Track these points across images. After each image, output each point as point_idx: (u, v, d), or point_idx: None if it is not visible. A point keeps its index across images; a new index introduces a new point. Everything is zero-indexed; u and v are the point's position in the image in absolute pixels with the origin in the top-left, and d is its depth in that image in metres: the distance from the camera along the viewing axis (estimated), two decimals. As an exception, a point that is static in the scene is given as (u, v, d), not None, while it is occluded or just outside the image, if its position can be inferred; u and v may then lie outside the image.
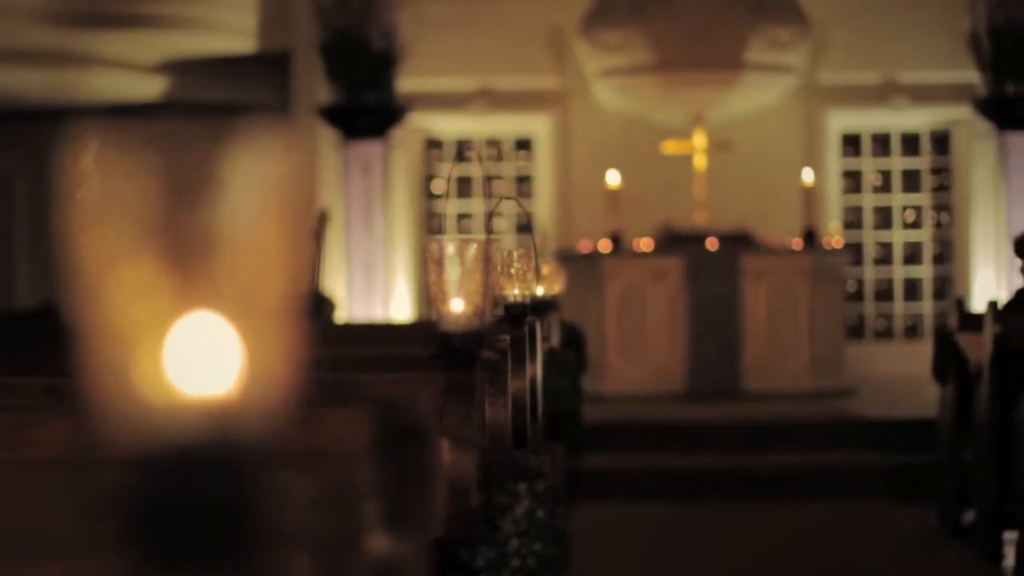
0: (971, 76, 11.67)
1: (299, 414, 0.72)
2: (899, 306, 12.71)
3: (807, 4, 11.79)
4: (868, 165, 12.77)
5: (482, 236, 13.20)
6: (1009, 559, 6.22)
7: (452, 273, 2.54)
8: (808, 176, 11.22)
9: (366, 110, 11.52)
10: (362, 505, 1.53)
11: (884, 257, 12.74)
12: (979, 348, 6.58)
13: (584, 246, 11.11)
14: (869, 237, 12.71)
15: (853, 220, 12.69)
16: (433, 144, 12.78)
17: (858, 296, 12.58)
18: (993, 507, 6.26)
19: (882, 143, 12.76)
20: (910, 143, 12.73)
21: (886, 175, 12.76)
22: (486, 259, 2.59)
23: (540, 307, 5.03)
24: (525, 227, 12.65)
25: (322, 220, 10.75)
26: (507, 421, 3.23)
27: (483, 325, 2.72)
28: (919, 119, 12.61)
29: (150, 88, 12.36)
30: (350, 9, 11.44)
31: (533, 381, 3.96)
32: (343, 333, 5.92)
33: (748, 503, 8.01)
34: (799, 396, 10.35)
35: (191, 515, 0.69)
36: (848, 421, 9.26)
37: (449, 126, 12.67)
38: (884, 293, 12.71)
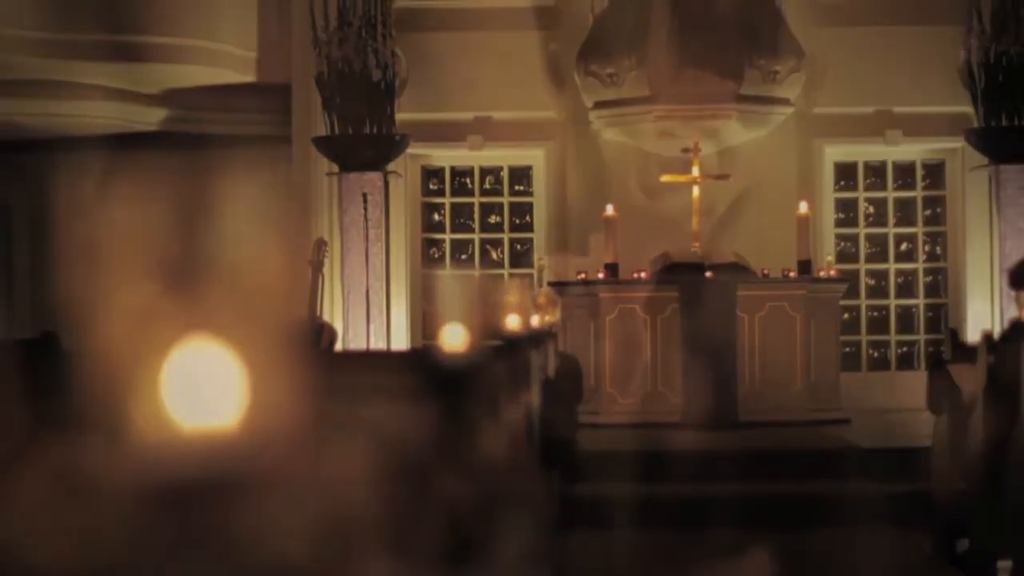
0: (964, 108, 11.71)
1: (296, 441, 0.74)
2: (893, 336, 12.72)
3: (802, 37, 11.84)
4: (862, 196, 12.79)
5: (479, 267, 13.16)
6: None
7: (450, 303, 2.57)
8: (803, 207, 11.25)
9: (364, 141, 11.54)
10: (360, 533, 1.55)
11: (878, 287, 12.74)
12: (973, 379, 6.59)
13: (581, 276, 11.12)
14: (863, 268, 12.73)
15: (848, 250, 12.71)
16: (431, 174, 12.80)
17: (853, 326, 12.59)
18: (986, 536, 6.27)
19: (876, 174, 12.78)
20: (904, 174, 12.76)
21: (880, 206, 12.79)
22: (482, 290, 2.62)
23: (537, 337, 5.05)
24: (521, 256, 12.67)
25: (320, 247, 10.76)
26: (504, 450, 3.25)
27: (480, 354, 2.74)
28: (913, 151, 12.64)
29: (150, 118, 12.39)
30: (348, 41, 11.48)
31: (529, 410, 3.98)
32: (340, 361, 5.93)
33: (744, 531, 8.00)
34: (794, 425, 10.35)
35: (194, 543, 0.71)
36: (843, 450, 9.25)
37: (447, 156, 12.70)
38: (879, 323, 12.71)
